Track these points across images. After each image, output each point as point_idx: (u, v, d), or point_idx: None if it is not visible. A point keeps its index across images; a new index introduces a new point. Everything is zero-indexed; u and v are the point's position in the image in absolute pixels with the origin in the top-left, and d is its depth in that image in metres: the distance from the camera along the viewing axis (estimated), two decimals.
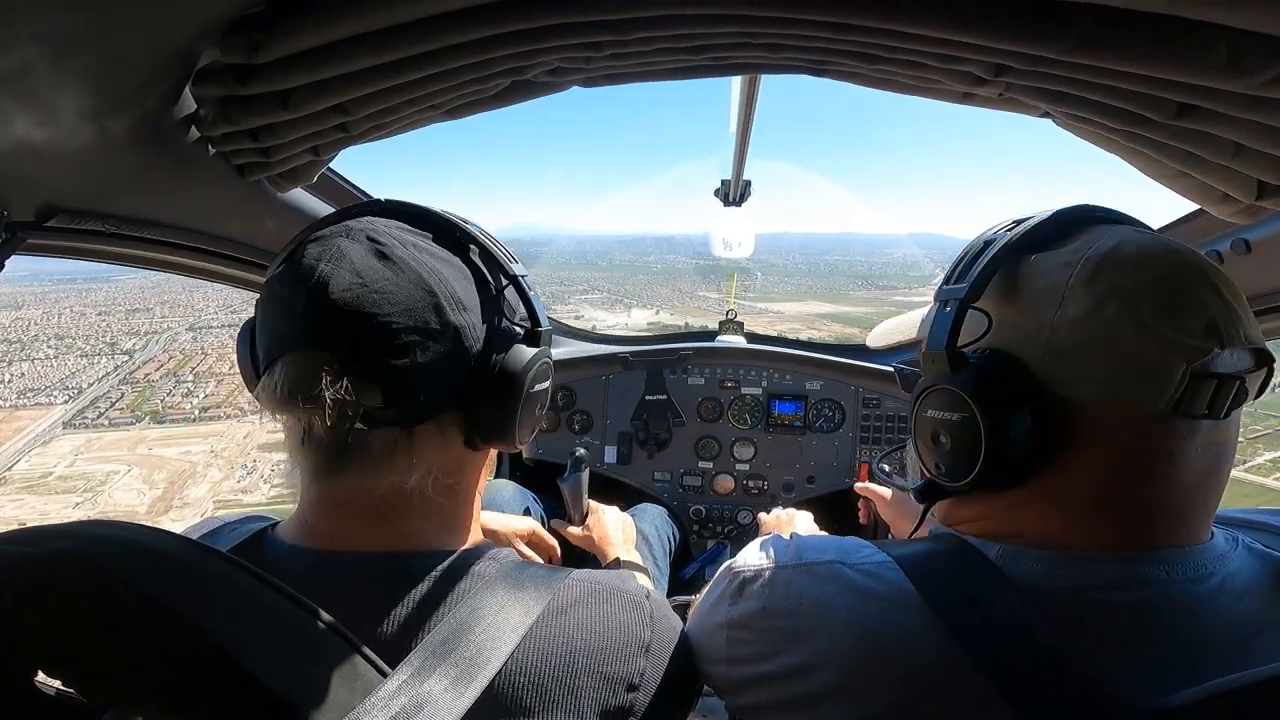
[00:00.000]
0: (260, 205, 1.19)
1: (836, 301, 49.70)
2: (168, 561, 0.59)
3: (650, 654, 0.75)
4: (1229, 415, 0.61)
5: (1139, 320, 0.60)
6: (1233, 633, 0.60)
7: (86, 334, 50.73)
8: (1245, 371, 0.62)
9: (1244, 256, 1.11)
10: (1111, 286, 0.62)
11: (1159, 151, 0.85)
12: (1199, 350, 0.58)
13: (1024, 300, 0.68)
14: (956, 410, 0.69)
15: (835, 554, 0.73)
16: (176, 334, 51.06)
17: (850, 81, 0.92)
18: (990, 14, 0.66)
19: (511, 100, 1.00)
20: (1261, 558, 0.66)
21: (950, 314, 0.70)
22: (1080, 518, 0.65)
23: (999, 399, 0.66)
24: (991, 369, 0.68)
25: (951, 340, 0.70)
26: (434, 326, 0.68)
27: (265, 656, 0.55)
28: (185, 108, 0.87)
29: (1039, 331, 0.65)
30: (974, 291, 0.69)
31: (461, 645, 0.62)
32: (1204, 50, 0.62)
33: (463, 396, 0.73)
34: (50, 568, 0.56)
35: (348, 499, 0.71)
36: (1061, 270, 0.65)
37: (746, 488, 2.45)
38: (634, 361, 2.44)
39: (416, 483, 0.71)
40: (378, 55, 0.77)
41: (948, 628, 0.61)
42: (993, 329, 0.70)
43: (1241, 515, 0.77)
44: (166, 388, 43.29)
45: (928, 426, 0.73)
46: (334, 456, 0.69)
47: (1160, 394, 0.60)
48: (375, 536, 0.72)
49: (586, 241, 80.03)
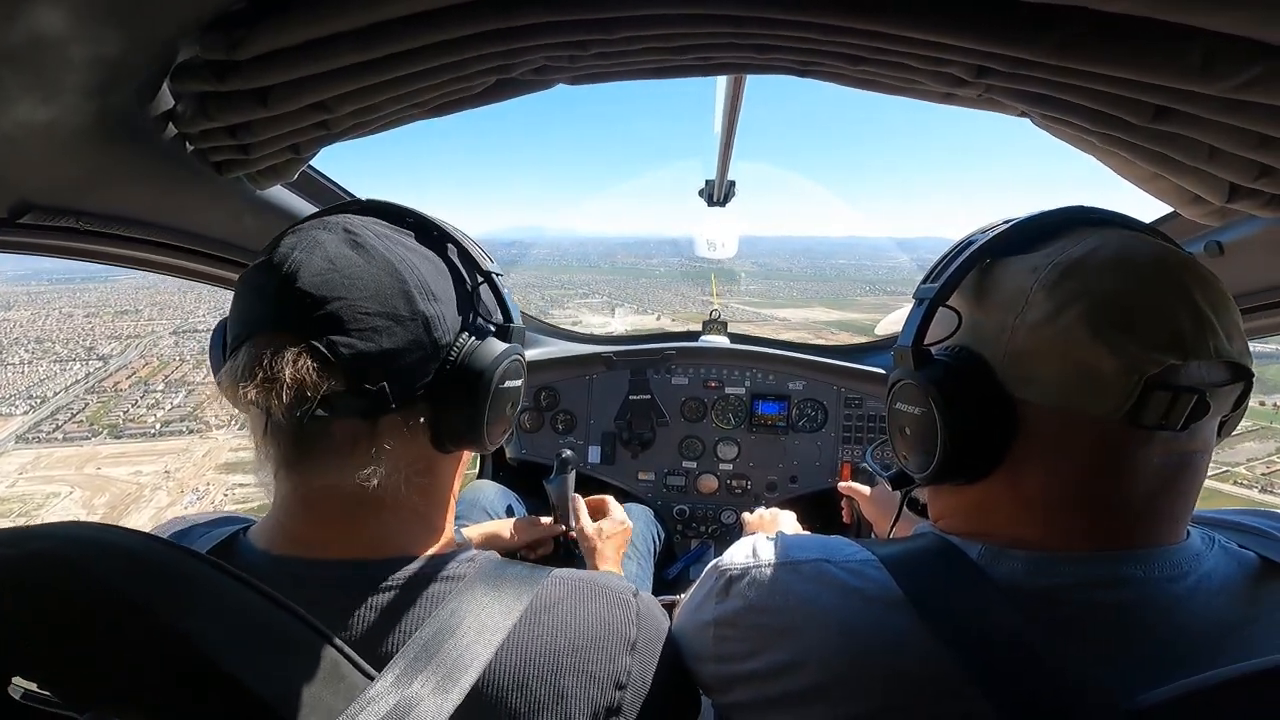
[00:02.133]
0: (239, 203, 1.18)
1: (843, 308, 48.94)
2: (147, 563, 0.58)
3: (637, 651, 0.74)
4: (1186, 428, 0.60)
5: (1095, 328, 0.60)
6: (1209, 630, 0.61)
7: (67, 338, 48.33)
8: (1214, 385, 0.62)
9: (1217, 259, 1.13)
10: (1072, 293, 0.62)
11: (1134, 154, 0.86)
12: (1153, 362, 0.59)
13: (991, 302, 0.69)
14: (918, 405, 0.72)
15: (820, 552, 0.74)
16: (159, 338, 48.66)
17: (834, 82, 0.93)
18: (974, 16, 0.66)
19: (496, 98, 0.99)
20: (1236, 556, 0.67)
21: (920, 312, 0.73)
22: (1046, 516, 0.67)
23: (957, 396, 0.68)
24: (954, 367, 0.70)
25: (919, 337, 0.73)
26: (403, 313, 0.68)
27: (246, 659, 0.55)
28: (163, 104, 0.86)
29: (1000, 334, 0.67)
30: (944, 291, 0.72)
31: (445, 648, 0.62)
32: (1180, 54, 0.63)
33: (430, 390, 0.71)
34: (29, 569, 0.55)
35: (318, 498, 0.70)
36: (1028, 275, 0.66)
37: (730, 487, 2.46)
38: (618, 361, 2.44)
39: (386, 481, 0.69)
40: (360, 52, 0.76)
41: (930, 626, 0.62)
42: (961, 328, 0.72)
43: (1218, 515, 0.78)
44: (134, 398, 40.57)
45: (895, 419, 0.78)
46: (295, 444, 0.68)
47: (1111, 403, 0.61)
48: (351, 542, 0.71)
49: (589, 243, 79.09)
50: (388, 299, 0.67)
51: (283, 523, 0.72)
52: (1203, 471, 0.66)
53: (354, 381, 0.65)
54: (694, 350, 2.47)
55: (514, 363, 0.78)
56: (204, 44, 0.73)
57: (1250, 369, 0.63)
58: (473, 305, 0.77)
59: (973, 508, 0.73)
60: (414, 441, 0.73)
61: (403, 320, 0.68)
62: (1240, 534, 0.72)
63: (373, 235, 0.70)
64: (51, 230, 0.97)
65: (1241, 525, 0.75)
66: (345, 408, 0.66)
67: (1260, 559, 0.67)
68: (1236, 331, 0.62)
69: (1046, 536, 0.66)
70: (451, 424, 0.74)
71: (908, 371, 0.73)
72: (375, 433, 0.69)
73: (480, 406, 0.73)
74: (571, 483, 1.71)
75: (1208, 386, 0.61)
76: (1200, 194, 0.89)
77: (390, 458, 0.69)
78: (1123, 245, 0.65)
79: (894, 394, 0.77)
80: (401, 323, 0.68)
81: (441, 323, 0.71)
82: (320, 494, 0.69)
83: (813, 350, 2.53)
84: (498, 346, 0.75)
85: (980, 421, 0.67)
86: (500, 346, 0.75)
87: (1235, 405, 0.66)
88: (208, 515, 0.84)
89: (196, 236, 1.24)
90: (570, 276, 60.40)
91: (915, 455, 0.75)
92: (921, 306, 0.74)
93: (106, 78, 0.75)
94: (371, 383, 0.66)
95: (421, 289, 0.70)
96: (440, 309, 0.71)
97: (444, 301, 0.72)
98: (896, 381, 0.77)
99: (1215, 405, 0.61)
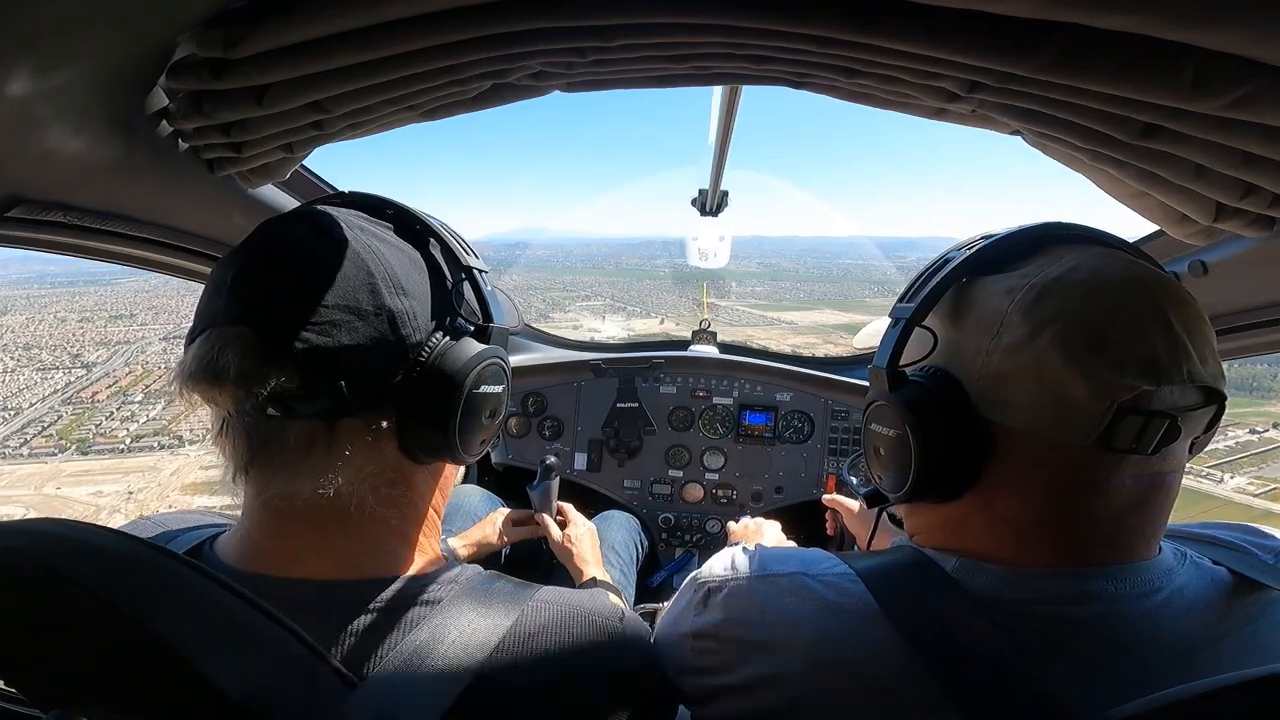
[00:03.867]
0: (230, 201, 1.17)
1: (851, 310, 46.88)
2: (121, 561, 0.56)
3: (623, 678, 0.73)
4: (1158, 452, 0.61)
5: (1069, 353, 0.60)
6: (1179, 645, 0.61)
7: (56, 344, 46.07)
8: (1186, 408, 0.62)
9: (1201, 279, 1.14)
10: (1047, 317, 0.62)
11: (1122, 171, 0.87)
12: (1126, 388, 0.59)
13: (967, 323, 0.69)
14: (892, 426, 0.72)
15: (798, 565, 0.74)
16: (148, 343, 46.07)
17: (828, 94, 0.94)
18: (967, 31, 0.67)
19: (491, 103, 0.99)
20: (1209, 572, 0.68)
21: (895, 332, 0.73)
22: (1018, 535, 0.67)
23: (932, 420, 0.68)
24: (929, 389, 0.70)
25: (894, 358, 0.73)
26: (365, 307, 0.63)
27: (218, 659, 0.53)
28: (157, 101, 0.85)
29: (976, 356, 0.67)
30: (920, 311, 0.72)
31: (426, 662, 0.60)
32: (1172, 71, 0.63)
33: (397, 393, 0.66)
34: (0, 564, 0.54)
35: (278, 505, 0.65)
36: (1004, 297, 0.66)
37: (715, 497, 2.46)
38: (606, 369, 2.44)
39: (348, 490, 0.65)
40: (357, 54, 0.76)
41: (905, 639, 0.62)
42: (937, 349, 0.72)
43: (1191, 529, 0.78)
44: (110, 409, 37.78)
45: (870, 439, 0.78)
46: (249, 444, 0.64)
47: (1083, 428, 0.61)
48: (321, 560, 0.67)
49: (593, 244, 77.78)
50: (350, 292, 0.63)
51: (249, 531, 0.68)
52: (1174, 490, 0.66)
53: (308, 379, 0.61)
54: (682, 360, 2.48)
55: (491, 366, 0.72)
56: (201, 41, 0.72)
57: (1223, 392, 0.63)
58: (452, 304, 0.72)
59: (947, 524, 0.73)
60: (379, 449, 0.68)
61: (365, 315, 0.63)
62: (1213, 548, 0.73)
63: (343, 226, 0.66)
64: (39, 224, 0.96)
65: (1214, 539, 0.75)
66: (299, 408, 0.62)
67: (1231, 574, 0.68)
68: (1211, 354, 0.62)
69: (1019, 553, 0.67)
70: (420, 431, 0.69)
71: (883, 393, 0.73)
72: (334, 437, 0.65)
73: (451, 413, 0.68)
74: (555, 490, 1.70)
75: (1180, 410, 0.61)
76: (1187, 213, 0.90)
77: (351, 465, 0.65)
78: (1099, 266, 0.64)
79: (869, 414, 0.77)
80: (364, 317, 0.63)
81: (410, 319, 0.66)
82: (280, 500, 0.65)
83: (800, 362, 2.54)
84: (473, 348, 0.70)
85: (954, 445, 0.67)
86: (476, 348, 0.70)
87: (1207, 428, 0.66)
88: (180, 516, 0.81)
89: (185, 234, 1.23)
90: (574, 279, 59.21)
91: (889, 475, 0.75)
92: (897, 327, 0.73)
93: (102, 73, 0.75)
94: (327, 381, 0.62)
95: (389, 282, 0.65)
96: (410, 304, 0.66)
97: (415, 297, 0.67)
98: (872, 403, 0.76)
99: (1186, 429, 0.62)
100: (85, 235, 1.06)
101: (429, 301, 0.69)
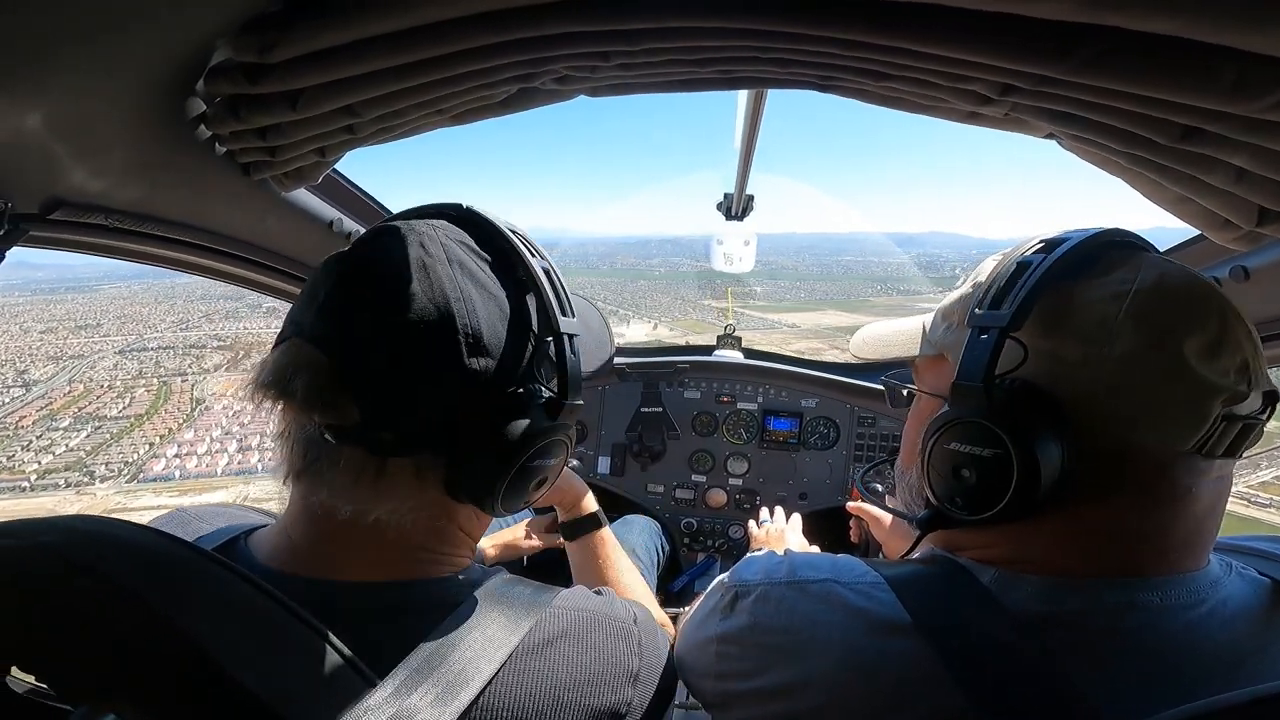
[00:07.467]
0: (263, 204, 1.20)
1: (855, 310, 45.19)
2: (152, 558, 0.58)
3: (639, 682, 0.74)
4: (1242, 455, 0.62)
5: (1186, 360, 0.59)
6: (1223, 656, 0.60)
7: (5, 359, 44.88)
8: (1258, 411, 0.62)
9: (1242, 284, 1.11)
10: (1162, 324, 0.61)
11: (1162, 175, 0.85)
12: (1237, 394, 0.59)
13: (1067, 332, 0.65)
14: (988, 445, 0.65)
15: (830, 572, 0.73)
16: (102, 357, 44.31)
17: (856, 98, 0.93)
18: (999, 33, 0.66)
19: (518, 107, 1.00)
20: (1253, 583, 0.66)
21: (988, 343, 0.66)
22: (1087, 545, 0.65)
23: (1036, 437, 0.62)
24: (1030, 405, 0.64)
25: (989, 372, 0.66)
26: (440, 363, 0.64)
27: (246, 657, 0.54)
28: (195, 105, 0.87)
29: (1083, 367, 0.63)
30: (1016, 320, 0.65)
31: (445, 663, 0.61)
32: (1212, 73, 0.62)
33: (451, 444, 0.67)
34: (31, 561, 0.55)
35: (319, 513, 0.67)
36: (1110, 303, 0.63)
37: (739, 502, 2.45)
38: (630, 373, 2.44)
39: (390, 518, 0.67)
40: (388, 58, 0.77)
41: (936, 651, 0.61)
42: (1029, 359, 0.66)
43: (1237, 542, 0.77)
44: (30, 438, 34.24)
45: (948, 459, 0.69)
46: (302, 456, 0.67)
47: (1193, 435, 0.60)
48: (355, 565, 0.69)
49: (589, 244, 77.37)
50: (429, 344, 0.63)
51: (288, 530, 0.70)
52: (1230, 493, 0.67)
53: (368, 416, 0.63)
54: (707, 365, 2.48)
55: (557, 443, 0.72)
56: (238, 46, 0.74)
57: (1279, 396, 0.64)
58: (532, 364, 0.70)
59: (1007, 539, 0.69)
60: (424, 487, 0.69)
61: (438, 369, 0.64)
62: (1259, 560, 0.72)
63: (442, 261, 0.66)
64: (80, 226, 0.99)
65: (1260, 551, 0.74)
66: (354, 439, 0.64)
67: (1276, 585, 0.66)
68: (1264, 359, 0.63)
69: (1078, 563, 0.65)
70: (468, 481, 0.69)
71: (978, 410, 0.66)
72: (382, 469, 0.66)
73: (501, 477, 0.68)
74: None
75: (1257, 414, 0.62)
76: (1230, 217, 0.88)
77: (395, 497, 0.67)
78: (1179, 274, 0.64)
79: (948, 432, 0.69)
80: (436, 371, 0.64)
81: (482, 378, 0.66)
82: (321, 509, 0.67)
83: (826, 368, 2.52)
84: (540, 422, 0.68)
85: (1061, 462, 0.63)
86: (543, 423, 0.69)
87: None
88: (215, 510, 0.83)
89: (219, 235, 1.26)
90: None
91: (974, 497, 0.67)
92: (985, 336, 0.66)
93: (142, 77, 0.77)
94: (385, 420, 0.64)
95: (470, 334, 0.64)
96: (485, 364, 0.66)
97: (492, 352, 0.66)
98: (953, 420, 0.68)
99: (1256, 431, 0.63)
100: (123, 237, 1.09)
101: (507, 358, 0.68)
